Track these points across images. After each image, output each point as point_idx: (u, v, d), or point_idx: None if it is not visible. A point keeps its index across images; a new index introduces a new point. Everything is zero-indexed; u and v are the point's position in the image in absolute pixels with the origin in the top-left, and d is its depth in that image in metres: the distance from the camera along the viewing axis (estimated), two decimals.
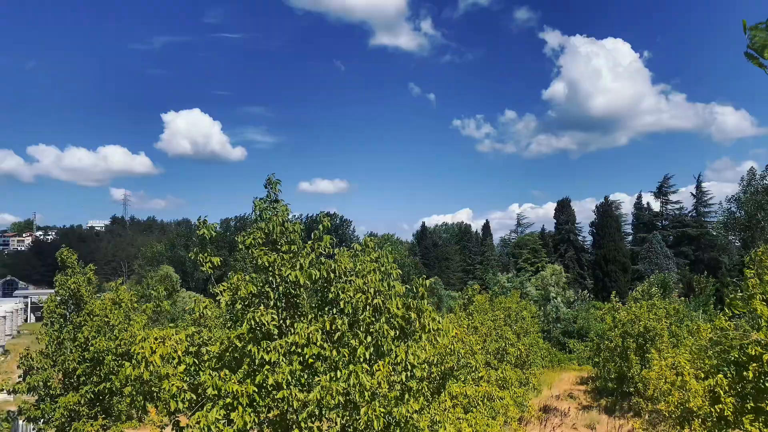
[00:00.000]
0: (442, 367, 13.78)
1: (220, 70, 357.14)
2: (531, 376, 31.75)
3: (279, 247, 9.76)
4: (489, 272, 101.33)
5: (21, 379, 15.82)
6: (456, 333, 12.89)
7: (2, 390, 15.85)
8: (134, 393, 12.81)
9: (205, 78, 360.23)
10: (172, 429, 9.42)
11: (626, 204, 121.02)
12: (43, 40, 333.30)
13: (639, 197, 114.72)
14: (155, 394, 9.70)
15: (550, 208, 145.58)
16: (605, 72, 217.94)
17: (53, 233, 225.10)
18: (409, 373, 9.25)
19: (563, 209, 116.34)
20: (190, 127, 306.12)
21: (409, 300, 9.63)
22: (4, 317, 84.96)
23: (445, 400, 13.11)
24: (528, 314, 38.65)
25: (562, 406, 33.55)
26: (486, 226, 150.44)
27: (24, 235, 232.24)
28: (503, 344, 27.33)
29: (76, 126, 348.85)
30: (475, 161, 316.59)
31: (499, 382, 20.82)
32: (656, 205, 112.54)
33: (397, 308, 9.50)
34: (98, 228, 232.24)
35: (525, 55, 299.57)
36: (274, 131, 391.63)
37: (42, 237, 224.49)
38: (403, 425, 9.05)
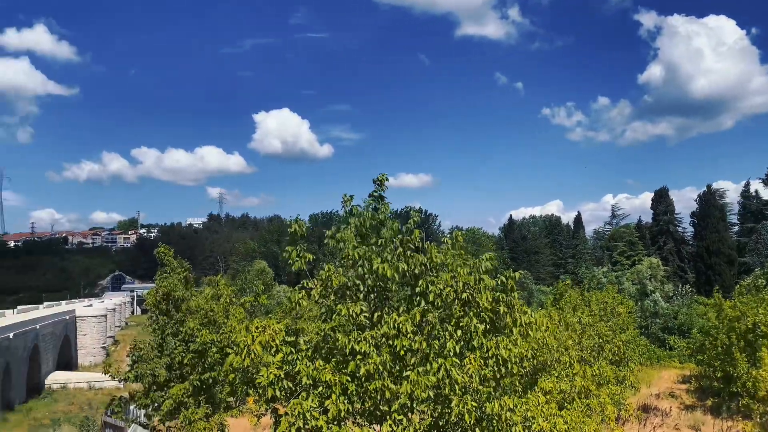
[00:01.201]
0: (534, 362, 13.52)
1: (307, 70, 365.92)
2: (629, 373, 30.50)
3: (369, 240, 9.93)
4: (582, 266, 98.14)
5: (130, 368, 16.92)
6: (548, 327, 12.60)
7: (114, 378, 17.01)
8: (237, 381, 13.45)
9: (293, 78, 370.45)
10: (270, 417, 9.82)
11: (731, 192, 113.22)
12: (143, 49, 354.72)
13: (746, 185, 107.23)
14: (256, 382, 10.14)
15: (647, 198, 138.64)
16: (707, 52, 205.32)
17: (155, 231, 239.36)
18: (500, 368, 9.16)
19: (661, 199, 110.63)
20: (279, 127, 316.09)
21: (499, 294, 9.53)
22: (114, 310, 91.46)
23: (538, 396, 12.84)
24: (624, 309, 37.09)
25: (662, 405, 32.07)
26: (578, 219, 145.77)
27: (129, 233, 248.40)
28: (598, 340, 26.41)
29: (175, 128, 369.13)
30: (565, 151, 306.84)
31: (595, 378, 20.14)
32: (765, 193, 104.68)
33: (487, 302, 9.42)
34: (196, 225, 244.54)
35: (618, 39, 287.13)
36: (358, 128, 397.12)
37: (145, 234, 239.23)
38: (495, 420, 8.98)
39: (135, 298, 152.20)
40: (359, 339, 9.16)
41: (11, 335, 42.88)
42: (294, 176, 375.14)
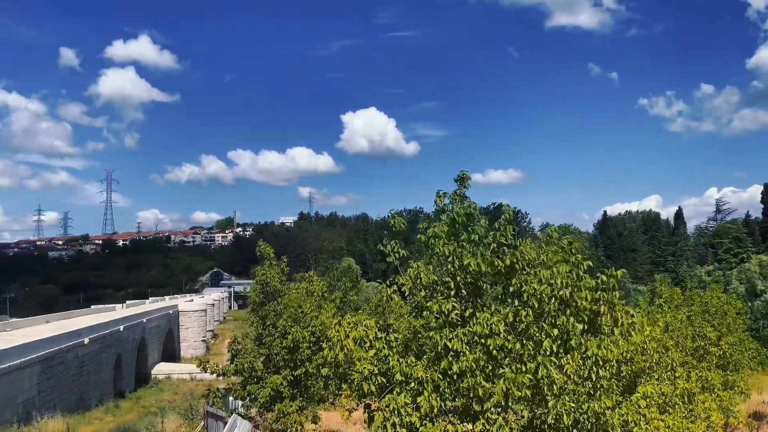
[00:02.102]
0: (633, 365, 12.95)
1: (393, 69, 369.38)
2: (738, 378, 28.53)
3: (460, 237, 9.86)
4: (683, 264, 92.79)
5: (229, 361, 17.70)
6: (649, 330, 12.03)
7: (214, 372, 17.82)
8: (331, 374, 13.73)
9: (379, 77, 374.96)
10: (364, 411, 9.97)
11: None
12: (238, 55, 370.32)
13: None
14: (349, 377, 10.32)
15: (756, 191, 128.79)
16: None
17: (250, 229, 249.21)
18: (599, 369, 8.83)
19: None
20: (366, 126, 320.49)
21: (599, 292, 9.18)
22: (213, 305, 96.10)
23: (638, 399, 12.27)
24: (732, 310, 34.71)
25: None
26: (678, 214, 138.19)
27: (226, 232, 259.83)
28: (701, 342, 24.87)
29: (268, 131, 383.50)
30: (664, 142, 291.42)
31: (700, 382, 19.00)
32: None
33: (586, 301, 9.11)
34: (288, 224, 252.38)
35: (723, 22, 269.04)
36: (445, 124, 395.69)
37: (241, 233, 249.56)
38: (594, 422, 8.68)
39: (232, 294, 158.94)
40: (451, 337, 9.11)
41: (122, 328, 46.01)
42: (380, 174, 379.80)
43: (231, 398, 25.89)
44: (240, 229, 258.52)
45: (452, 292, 9.64)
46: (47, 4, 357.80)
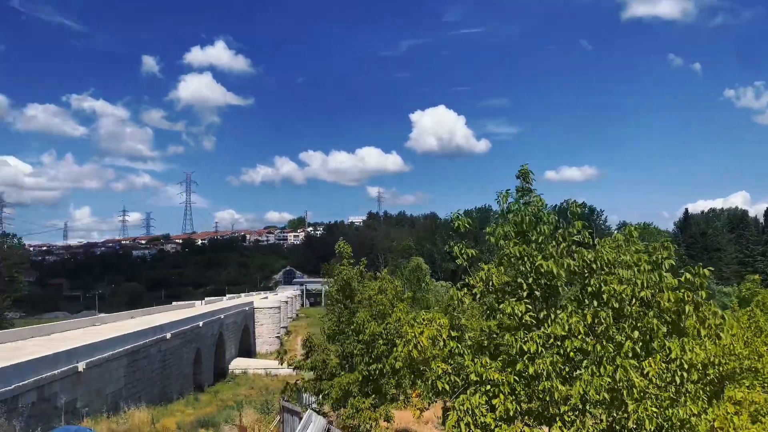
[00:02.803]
0: (721, 369, 12.30)
1: (462, 66, 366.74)
2: None
3: (530, 237, 9.66)
4: None
5: (304, 357, 18.07)
6: (739, 331, 11.38)
7: (289, 366, 18.21)
8: (405, 372, 13.79)
9: (448, 75, 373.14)
10: (443, 407, 9.95)
11: None
12: (309, 57, 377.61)
13: None
14: (422, 375, 10.33)
15: None
16: None
17: (321, 229, 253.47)
18: (684, 373, 8.45)
19: None
20: (435, 124, 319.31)
21: (684, 292, 8.77)
22: (286, 302, 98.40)
23: (726, 406, 11.66)
24: None
25: None
26: None
27: (298, 231, 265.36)
28: None
29: (338, 131, 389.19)
30: (752, 136, 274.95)
31: None
32: None
33: (669, 301, 8.73)
34: (357, 223, 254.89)
35: None
36: (515, 121, 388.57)
37: (312, 232, 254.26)
38: (678, 428, 8.32)
39: (304, 292, 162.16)
40: (527, 339, 8.95)
41: (201, 324, 47.86)
42: (450, 173, 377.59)
43: (305, 394, 26.47)
44: (311, 228, 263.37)
45: (525, 294, 9.46)
46: (129, 14, 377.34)
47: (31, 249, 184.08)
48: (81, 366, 23.68)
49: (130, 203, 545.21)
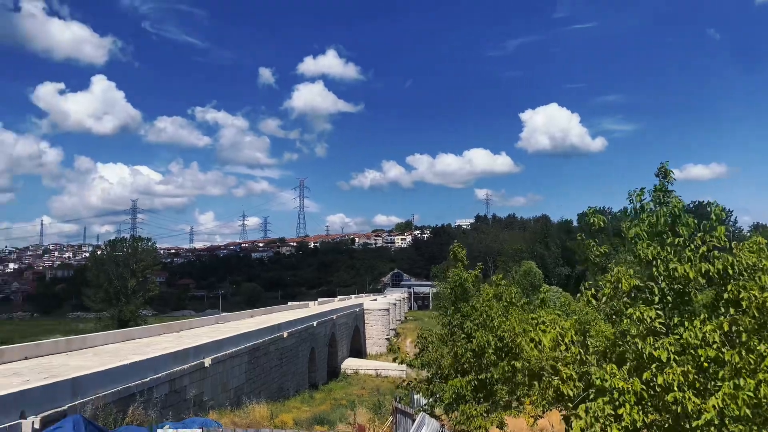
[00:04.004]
0: None
1: (574, 63, 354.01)
2: None
3: (665, 239, 9.06)
4: None
5: (417, 354, 18.06)
6: None
7: (402, 363, 18.24)
8: (519, 378, 13.41)
9: (560, 72, 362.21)
10: (561, 420, 9.59)
11: None
12: (416, 61, 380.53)
13: None
14: (541, 380, 10.00)
15: None
16: None
17: (428, 232, 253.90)
18: None
19: None
20: (547, 123, 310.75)
21: None
22: (395, 305, 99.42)
23: None
24: None
25: None
26: None
27: (405, 234, 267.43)
28: None
29: (445, 134, 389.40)
30: None
31: None
32: None
33: None
34: (464, 226, 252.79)
35: None
36: (633, 118, 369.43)
37: (419, 235, 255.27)
38: None
39: (412, 295, 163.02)
40: (657, 346, 8.41)
41: (315, 323, 49.45)
42: (563, 173, 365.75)
43: (416, 395, 26.53)
44: (418, 231, 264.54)
45: (656, 299, 8.88)
46: (246, 29, 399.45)
47: (162, 251, 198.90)
48: (207, 361, 25.20)
49: (249, 208, 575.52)
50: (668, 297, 9.03)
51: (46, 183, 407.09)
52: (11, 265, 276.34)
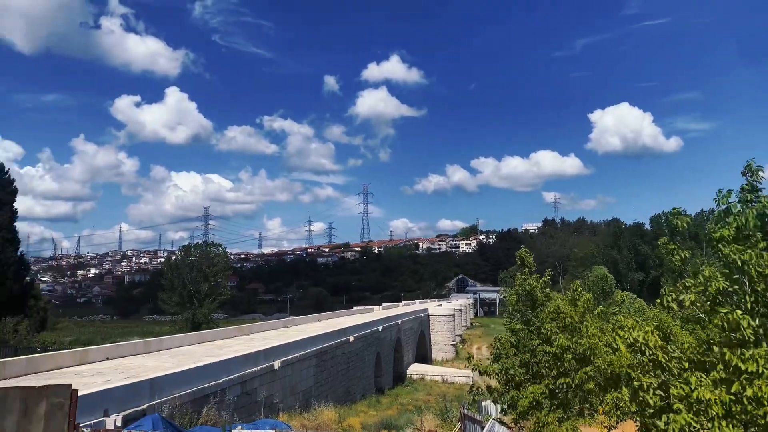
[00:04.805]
0: None
1: (645, 60, 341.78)
2: None
3: (754, 242, 8.49)
4: None
5: (491, 362, 17.73)
6: None
7: (475, 369, 17.92)
8: (594, 385, 12.93)
9: (630, 71, 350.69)
10: (637, 430, 9.16)
11: None
12: (481, 64, 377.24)
13: None
14: (617, 387, 9.59)
15: None
16: None
17: (493, 236, 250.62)
18: None
19: None
20: (618, 123, 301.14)
21: None
22: (460, 310, 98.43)
23: None
24: None
25: None
26: None
27: (470, 239, 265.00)
28: None
29: (511, 137, 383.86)
30: None
31: None
32: None
33: None
34: (531, 230, 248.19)
35: None
36: (709, 116, 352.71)
37: (484, 240, 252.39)
38: None
39: (478, 301, 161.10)
40: (747, 357, 7.87)
41: (380, 328, 49.58)
42: (635, 175, 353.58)
43: (483, 403, 26.10)
44: (483, 236, 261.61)
45: (748, 305, 8.32)
46: (311, 39, 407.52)
47: (232, 256, 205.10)
48: (277, 364, 25.67)
49: (314, 214, 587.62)
50: (759, 304, 8.45)
51: (125, 191, 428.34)
52: (92, 270, 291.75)
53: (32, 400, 7.27)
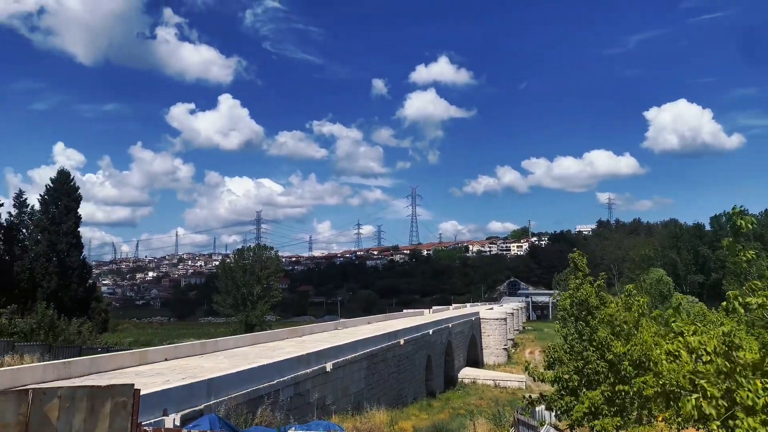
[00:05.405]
0: None
1: (704, 55, 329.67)
2: None
3: None
4: None
5: (545, 368, 17.37)
6: None
7: (530, 375, 17.59)
8: (652, 393, 12.47)
9: (688, 66, 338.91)
10: None
11: None
12: (530, 64, 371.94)
13: None
14: (680, 396, 9.23)
15: None
16: None
17: (545, 238, 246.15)
18: None
19: None
20: (676, 121, 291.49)
21: None
22: (512, 314, 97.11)
23: None
24: None
25: None
26: None
27: (522, 241, 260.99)
28: None
29: (563, 137, 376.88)
30: None
31: None
32: None
33: None
34: (585, 232, 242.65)
35: None
36: None
37: (536, 242, 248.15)
38: None
39: (530, 304, 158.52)
40: None
41: (431, 332, 49.40)
42: (694, 173, 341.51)
43: (537, 408, 25.62)
44: (535, 238, 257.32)
45: None
46: (359, 43, 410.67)
47: (283, 259, 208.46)
48: (329, 366, 25.91)
49: (363, 217, 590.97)
50: None
51: (180, 197, 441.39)
52: (150, 273, 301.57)
53: (98, 399, 7.56)
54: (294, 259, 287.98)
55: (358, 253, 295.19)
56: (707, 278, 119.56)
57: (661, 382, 8.95)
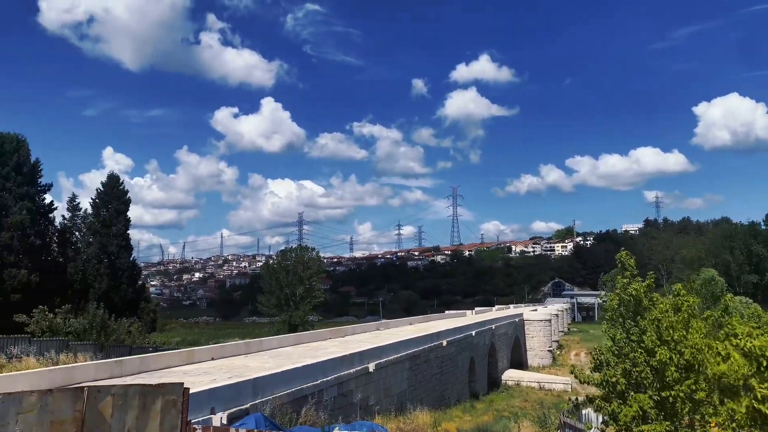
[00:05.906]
0: None
1: (759, 47, 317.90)
2: None
3: None
4: None
5: (591, 371, 17.01)
6: None
7: (578, 378, 17.26)
8: (704, 396, 12.10)
9: (740, 59, 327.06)
10: None
11: None
12: (574, 59, 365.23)
13: None
14: (734, 398, 8.93)
15: None
16: None
17: (590, 238, 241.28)
18: None
19: None
20: (727, 116, 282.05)
21: None
22: (557, 315, 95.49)
23: None
24: None
25: None
26: None
27: (566, 241, 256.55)
28: None
29: (608, 134, 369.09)
30: None
31: None
32: None
33: None
34: (632, 231, 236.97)
35: None
36: None
37: (581, 242, 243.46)
38: None
39: (575, 305, 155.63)
40: None
41: (473, 333, 49.01)
42: (747, 170, 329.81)
43: (584, 411, 25.14)
44: (580, 238, 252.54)
45: None
46: (399, 44, 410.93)
47: (325, 260, 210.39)
48: (371, 366, 25.96)
49: (404, 218, 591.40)
50: None
51: (225, 199, 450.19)
52: (197, 274, 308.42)
53: (150, 397, 7.75)
54: (335, 260, 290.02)
55: (399, 253, 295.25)
56: (762, 278, 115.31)
57: (713, 382, 8.66)
